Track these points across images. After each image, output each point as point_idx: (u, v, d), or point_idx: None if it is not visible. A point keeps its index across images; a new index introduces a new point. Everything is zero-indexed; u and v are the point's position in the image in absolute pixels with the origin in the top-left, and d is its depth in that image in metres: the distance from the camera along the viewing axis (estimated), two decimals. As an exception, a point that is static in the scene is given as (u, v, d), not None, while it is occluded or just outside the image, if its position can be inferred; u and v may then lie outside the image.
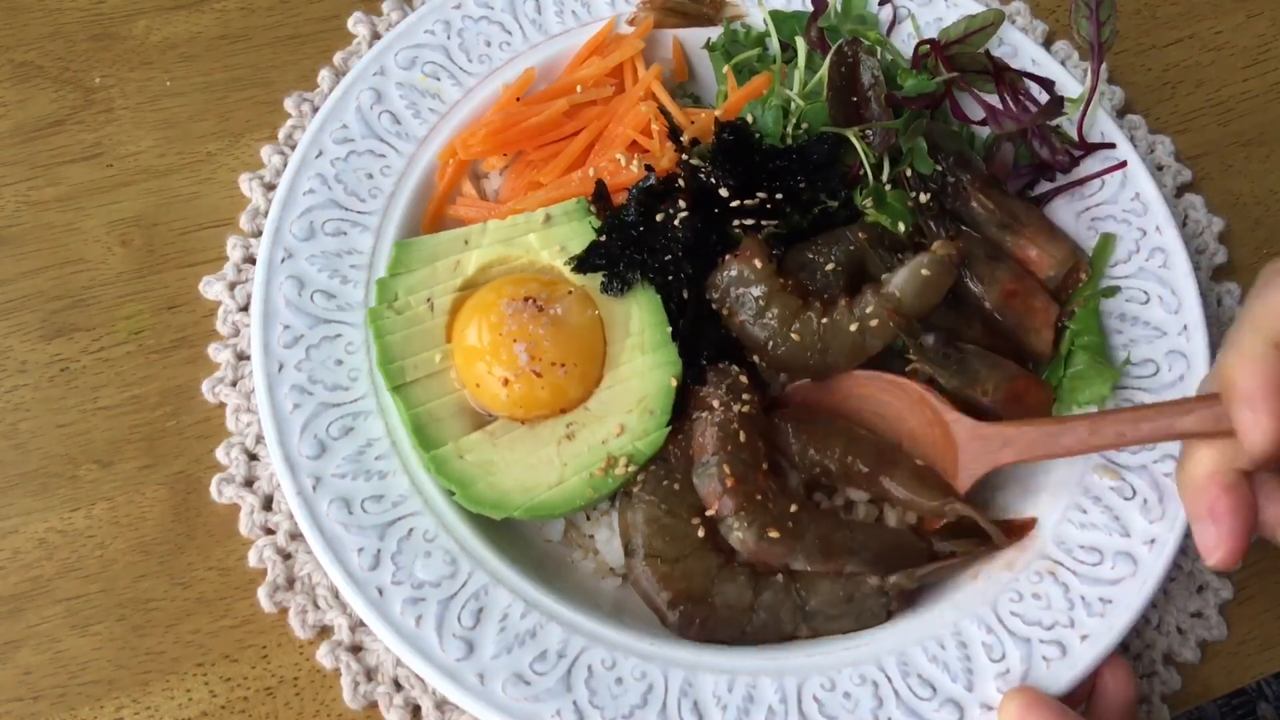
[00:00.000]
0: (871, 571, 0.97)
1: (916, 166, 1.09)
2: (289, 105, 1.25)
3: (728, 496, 0.94)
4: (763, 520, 0.94)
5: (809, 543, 0.95)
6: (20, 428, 1.08)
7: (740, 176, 1.05)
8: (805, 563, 0.95)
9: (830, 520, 0.98)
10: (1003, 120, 1.12)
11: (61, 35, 1.28)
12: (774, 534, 0.94)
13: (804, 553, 0.95)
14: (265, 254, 1.07)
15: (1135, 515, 1.00)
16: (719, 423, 0.97)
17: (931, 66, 1.16)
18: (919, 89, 1.12)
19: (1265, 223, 1.30)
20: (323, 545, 0.95)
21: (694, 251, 1.04)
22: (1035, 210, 1.13)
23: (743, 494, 0.94)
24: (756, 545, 0.94)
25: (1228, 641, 1.09)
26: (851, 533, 0.97)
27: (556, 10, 1.23)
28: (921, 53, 1.18)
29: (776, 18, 1.21)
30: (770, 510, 0.95)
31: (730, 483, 0.94)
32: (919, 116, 1.11)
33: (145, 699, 0.99)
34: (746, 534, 0.94)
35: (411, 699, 1.00)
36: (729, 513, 0.94)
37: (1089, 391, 1.05)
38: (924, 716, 0.92)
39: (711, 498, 0.95)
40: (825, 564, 0.96)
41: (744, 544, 0.94)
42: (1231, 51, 1.40)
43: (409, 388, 1.01)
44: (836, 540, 0.96)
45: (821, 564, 0.96)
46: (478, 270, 1.07)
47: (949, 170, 1.10)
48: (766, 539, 0.94)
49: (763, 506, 0.95)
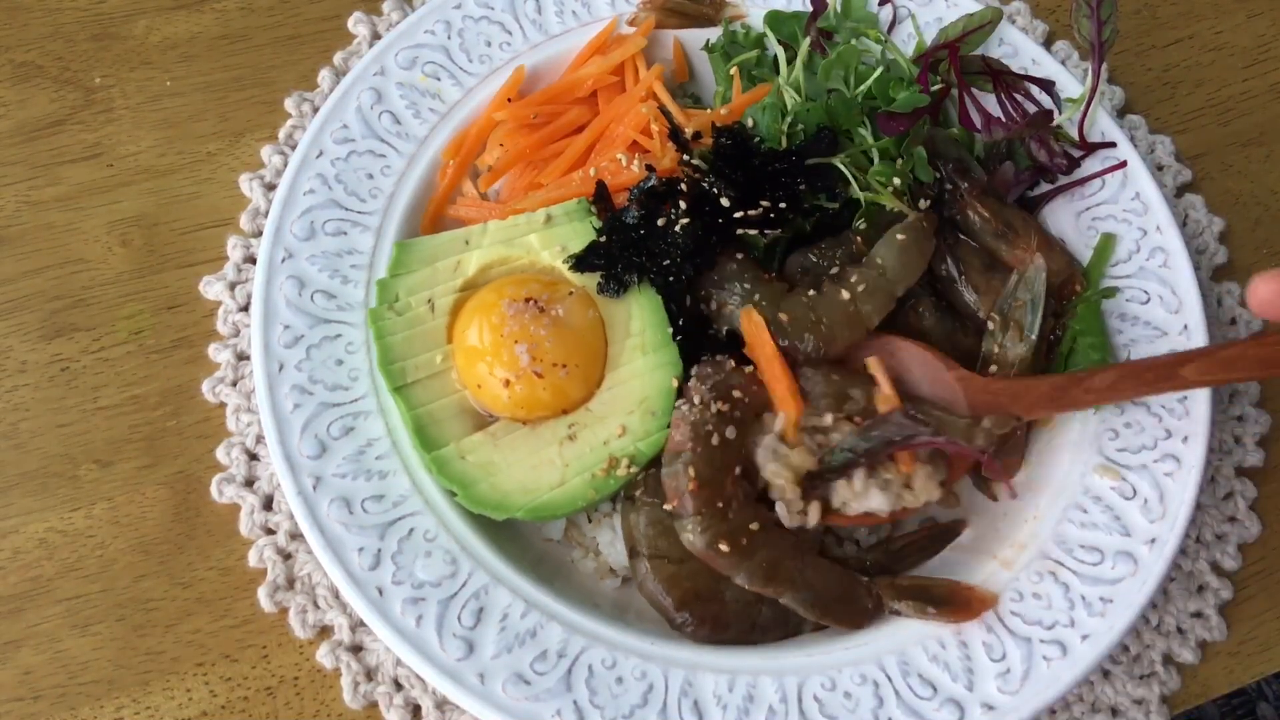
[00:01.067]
0: (806, 611, 0.96)
1: (917, 175, 1.09)
2: (289, 105, 1.25)
3: (688, 497, 0.93)
4: (717, 530, 0.93)
5: (756, 563, 0.94)
6: (20, 428, 1.08)
7: (739, 185, 1.05)
8: (746, 581, 0.94)
9: (786, 547, 0.96)
10: (994, 129, 1.12)
11: (61, 35, 1.28)
12: (724, 547, 0.93)
13: (748, 572, 0.94)
14: (265, 254, 1.07)
15: (1135, 515, 1.00)
16: (694, 421, 0.96)
17: (944, 72, 1.16)
18: (911, 103, 1.11)
19: (1265, 223, 1.30)
20: (323, 545, 0.95)
21: (694, 256, 1.04)
22: (1032, 220, 1.13)
23: (703, 499, 0.93)
24: (704, 553, 0.93)
25: (1228, 641, 1.09)
26: (802, 567, 0.96)
27: (556, 10, 1.23)
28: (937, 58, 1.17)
29: (776, 18, 1.21)
30: (729, 521, 0.94)
31: (692, 486, 0.93)
32: (919, 125, 1.11)
33: (145, 699, 0.99)
34: (697, 539, 0.93)
35: (411, 699, 1.00)
36: (686, 514, 0.94)
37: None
38: (924, 716, 0.92)
39: (673, 494, 0.95)
40: (765, 587, 0.95)
41: (692, 546, 0.94)
42: (1231, 51, 1.41)
43: (410, 389, 1.01)
44: (784, 569, 0.95)
45: (762, 586, 0.95)
46: (478, 271, 1.07)
47: (947, 178, 1.10)
48: (715, 549, 0.93)
49: (722, 515, 0.94)
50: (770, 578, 0.95)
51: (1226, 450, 1.16)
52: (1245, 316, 1.23)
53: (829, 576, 0.98)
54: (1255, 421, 1.18)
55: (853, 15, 1.23)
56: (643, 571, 0.97)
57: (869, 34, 1.19)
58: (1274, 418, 1.19)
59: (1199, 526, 1.12)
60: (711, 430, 0.96)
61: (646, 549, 0.97)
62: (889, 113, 1.09)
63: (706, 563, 0.94)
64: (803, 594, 0.96)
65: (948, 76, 1.16)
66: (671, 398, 1.00)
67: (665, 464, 0.96)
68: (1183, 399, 1.05)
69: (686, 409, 0.97)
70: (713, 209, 1.04)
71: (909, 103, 1.11)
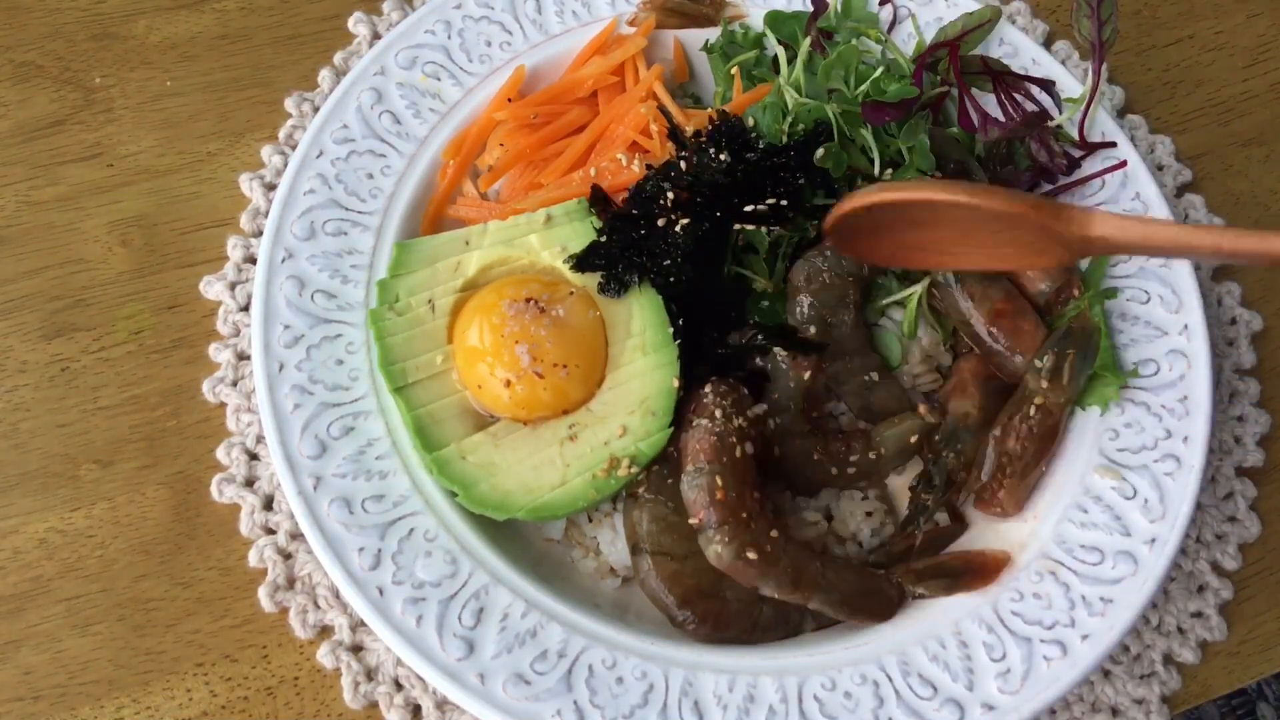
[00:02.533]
0: (835, 612, 0.97)
1: (917, 164, 1.09)
2: (289, 105, 1.25)
3: (714, 509, 0.93)
4: (743, 539, 0.93)
5: (782, 570, 0.94)
6: (20, 428, 1.08)
7: (731, 168, 1.05)
8: (774, 589, 0.95)
9: (806, 553, 0.97)
10: (990, 129, 1.12)
11: (61, 35, 1.27)
12: (752, 555, 0.93)
13: (775, 579, 0.94)
14: (266, 254, 1.07)
15: (1136, 515, 1.01)
16: (719, 433, 0.96)
17: (944, 70, 1.16)
18: (901, 94, 1.11)
19: (1265, 223, 1.30)
20: (323, 545, 0.95)
21: (694, 256, 1.03)
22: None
23: (729, 509, 0.94)
24: (732, 564, 0.93)
25: (1228, 641, 1.09)
26: (824, 569, 0.97)
27: (557, 10, 1.22)
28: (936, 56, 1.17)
29: (776, 18, 1.21)
30: (752, 530, 0.94)
31: (720, 495, 0.94)
32: (921, 117, 1.11)
33: (145, 699, 0.99)
34: (725, 550, 0.93)
35: (412, 699, 1.00)
36: (712, 525, 0.94)
37: (1095, 394, 1.05)
38: (924, 716, 0.92)
39: (697, 507, 0.94)
40: (792, 594, 0.95)
41: (720, 559, 0.93)
42: (1231, 51, 1.41)
43: (411, 389, 1.01)
44: (808, 573, 0.96)
45: (789, 593, 0.95)
46: (479, 271, 1.07)
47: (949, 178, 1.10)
48: (744, 558, 0.93)
49: (746, 525, 0.94)
50: (797, 583, 0.95)
51: (1226, 450, 1.16)
52: (1245, 316, 1.23)
53: (849, 575, 0.98)
54: (1255, 421, 1.18)
55: (853, 15, 1.23)
56: (645, 568, 0.97)
57: (869, 33, 1.19)
58: (1274, 418, 1.19)
59: (1199, 526, 1.12)
60: (735, 443, 0.96)
61: (649, 545, 0.97)
62: (876, 102, 1.09)
63: (732, 575, 0.94)
64: (830, 595, 0.96)
65: (947, 76, 1.15)
66: (672, 398, 1.00)
67: (687, 477, 0.96)
68: (1183, 399, 1.05)
69: (708, 423, 0.97)
70: (710, 200, 1.04)
71: (899, 95, 1.11)
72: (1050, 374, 1.04)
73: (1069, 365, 1.04)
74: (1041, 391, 1.03)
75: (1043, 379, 1.04)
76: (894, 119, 1.09)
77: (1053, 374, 1.04)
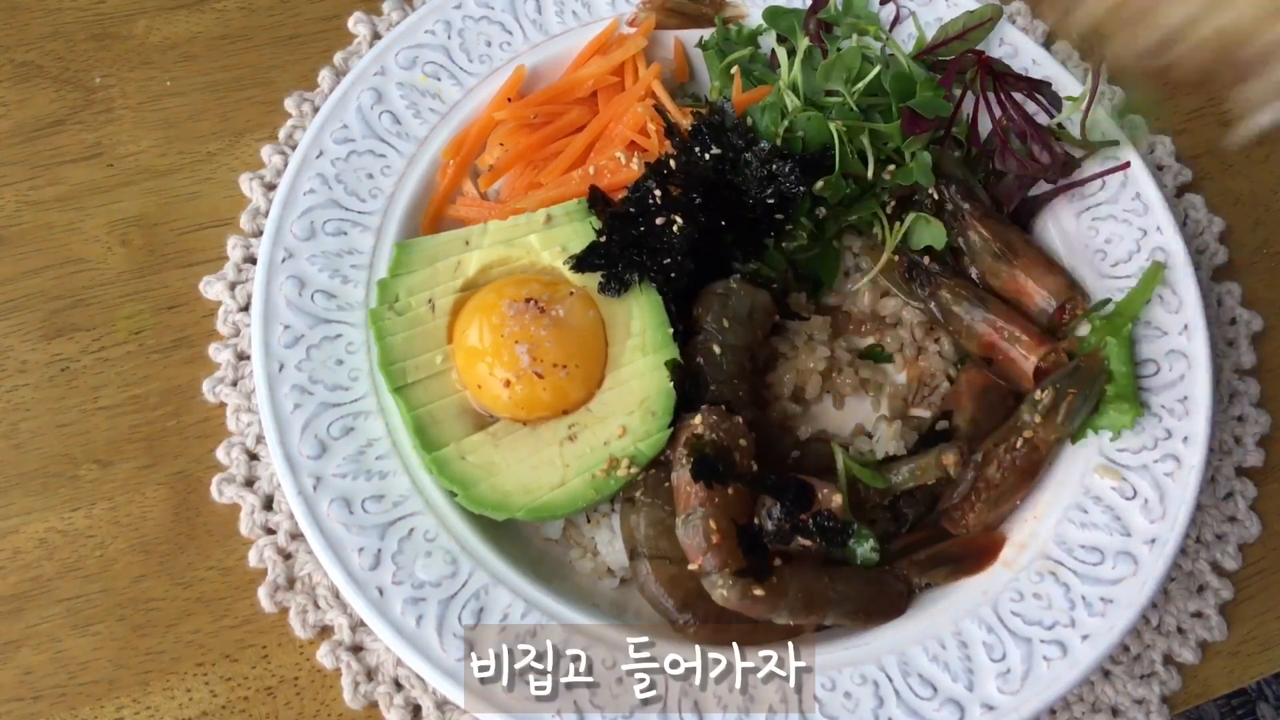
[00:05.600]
0: (851, 622, 0.96)
1: (918, 179, 1.09)
2: (289, 105, 1.25)
3: (712, 554, 0.92)
4: (746, 578, 0.92)
5: (792, 598, 0.93)
6: (20, 428, 1.08)
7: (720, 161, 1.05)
8: (788, 618, 0.94)
9: (811, 571, 0.95)
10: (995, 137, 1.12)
11: (61, 35, 1.27)
12: (758, 592, 0.92)
13: (787, 608, 0.93)
14: (266, 254, 1.07)
15: (1136, 515, 1.01)
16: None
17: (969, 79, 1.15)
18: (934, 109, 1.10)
19: (1265, 223, 1.30)
20: (323, 545, 0.95)
21: (693, 255, 1.03)
22: (1033, 243, 1.13)
23: (726, 550, 0.92)
24: (740, 603, 0.92)
25: (1228, 641, 1.09)
26: (832, 582, 0.96)
27: (557, 10, 1.23)
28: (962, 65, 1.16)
29: (775, 13, 1.20)
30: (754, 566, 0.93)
31: (716, 539, 0.92)
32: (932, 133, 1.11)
33: (145, 699, 0.99)
34: (730, 591, 0.92)
35: (412, 699, 1.00)
36: (712, 569, 0.92)
37: (1109, 419, 1.04)
38: (924, 716, 0.92)
39: (695, 552, 0.93)
40: (808, 617, 0.94)
41: (727, 601, 0.92)
42: (1231, 51, 1.40)
43: (410, 389, 1.01)
44: (818, 591, 0.94)
45: (804, 617, 0.94)
46: (479, 271, 1.07)
47: (951, 199, 1.10)
48: (750, 596, 0.92)
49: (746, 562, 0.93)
50: (810, 606, 0.94)
51: (1226, 450, 1.16)
52: (1245, 316, 1.23)
53: (857, 579, 0.97)
54: (1255, 421, 1.18)
55: (853, 11, 1.23)
56: (644, 573, 0.96)
57: (869, 29, 1.19)
58: (1274, 418, 1.19)
59: (1199, 526, 1.12)
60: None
61: (647, 550, 0.96)
62: (916, 113, 1.09)
63: (742, 612, 0.93)
64: (843, 607, 0.95)
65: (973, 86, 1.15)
66: (672, 398, 1.00)
67: (680, 524, 0.94)
68: (1183, 399, 1.05)
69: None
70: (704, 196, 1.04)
71: (932, 107, 1.11)
72: (1046, 410, 1.03)
73: (1066, 405, 1.03)
74: (1033, 426, 1.03)
75: (1037, 414, 1.03)
76: (929, 131, 1.09)
77: (1048, 411, 1.03)
